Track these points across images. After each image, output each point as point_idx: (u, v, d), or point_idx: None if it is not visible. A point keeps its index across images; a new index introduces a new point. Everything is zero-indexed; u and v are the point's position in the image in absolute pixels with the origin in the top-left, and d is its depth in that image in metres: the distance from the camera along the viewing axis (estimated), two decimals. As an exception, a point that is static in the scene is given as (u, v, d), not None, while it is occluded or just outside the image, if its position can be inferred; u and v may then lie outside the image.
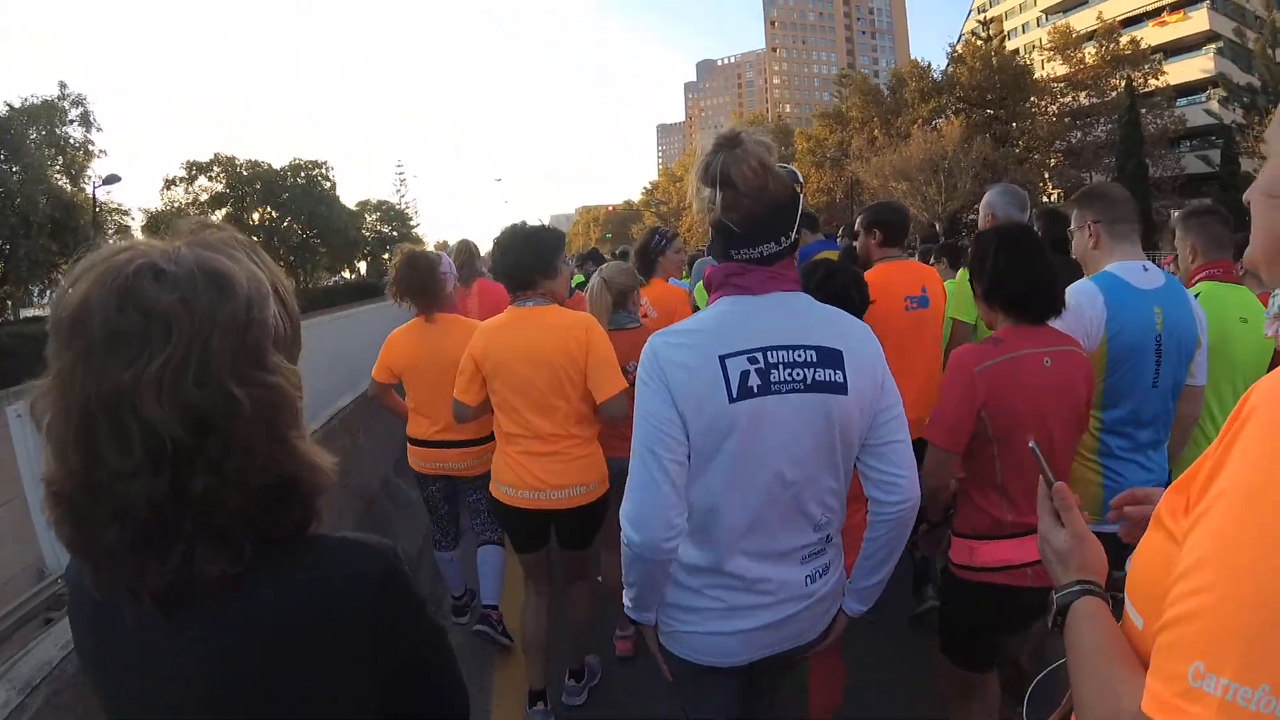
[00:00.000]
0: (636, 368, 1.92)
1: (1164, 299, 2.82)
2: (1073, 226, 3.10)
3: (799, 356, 1.82)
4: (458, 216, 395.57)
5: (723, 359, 1.78)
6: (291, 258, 54.31)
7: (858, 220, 4.47)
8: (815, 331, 1.86)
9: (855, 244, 4.57)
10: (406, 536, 5.75)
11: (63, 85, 32.38)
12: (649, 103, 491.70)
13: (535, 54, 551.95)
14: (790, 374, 1.81)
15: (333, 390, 6.71)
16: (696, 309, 4.08)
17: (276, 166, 52.99)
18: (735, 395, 1.77)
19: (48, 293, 30.68)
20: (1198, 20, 49.73)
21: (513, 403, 3.38)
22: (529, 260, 3.39)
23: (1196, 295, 3.19)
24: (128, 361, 0.84)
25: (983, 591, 2.58)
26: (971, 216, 51.45)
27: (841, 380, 1.84)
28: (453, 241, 7.95)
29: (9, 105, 29.84)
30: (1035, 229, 4.11)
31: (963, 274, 4.03)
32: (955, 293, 4.25)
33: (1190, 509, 0.77)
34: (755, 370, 1.79)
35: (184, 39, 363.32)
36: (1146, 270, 2.88)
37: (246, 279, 0.92)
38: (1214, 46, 49.14)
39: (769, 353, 1.81)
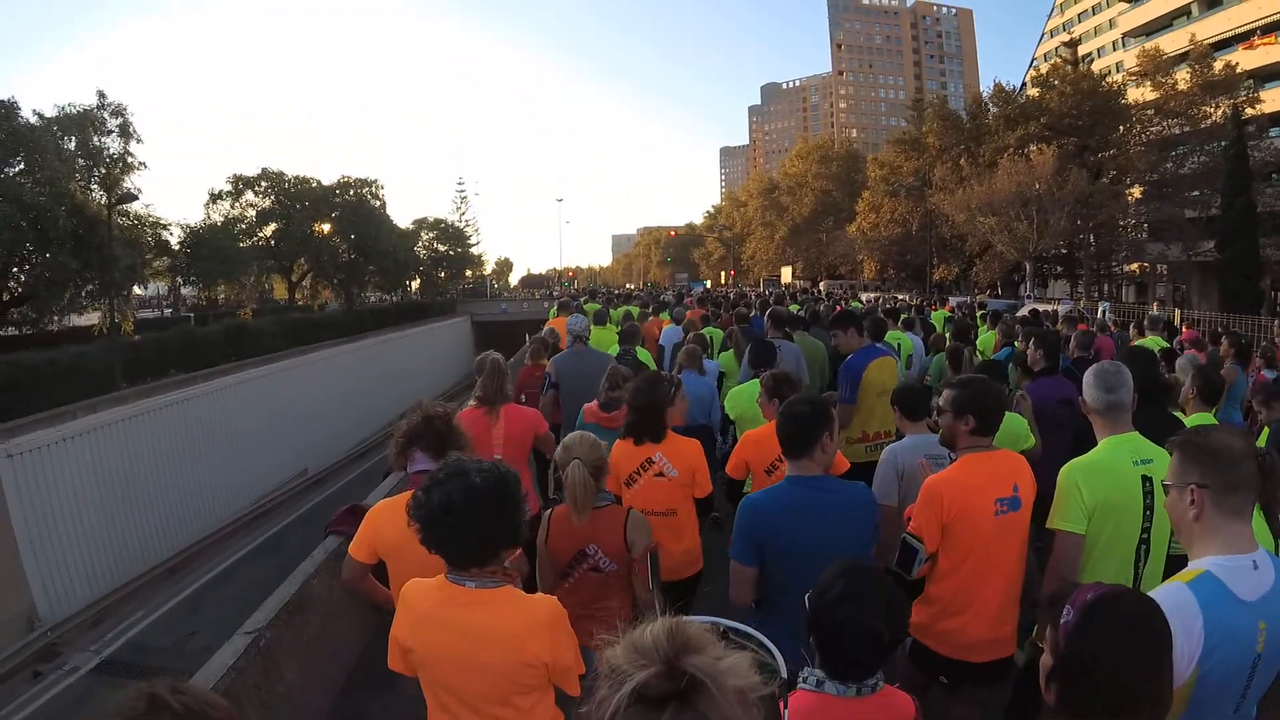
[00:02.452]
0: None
1: (1272, 607, 2.17)
2: (1169, 481, 2.38)
3: None
4: (518, 235, 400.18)
5: None
6: (340, 276, 52.99)
7: (941, 397, 3.69)
8: None
9: (938, 422, 3.80)
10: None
11: (101, 95, 31.11)
12: (714, 124, 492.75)
13: (600, 73, 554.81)
14: None
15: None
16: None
17: (325, 183, 51.61)
18: None
19: (68, 310, 29.48)
20: (1294, 43, 46.52)
21: (445, 703, 2.53)
22: (491, 530, 2.43)
23: None
24: None
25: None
26: (1055, 251, 49.55)
27: None
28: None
29: (39, 115, 28.69)
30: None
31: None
32: (1061, 491, 3.35)
33: None
34: None
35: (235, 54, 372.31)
36: (1257, 568, 2.21)
37: None
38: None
39: None
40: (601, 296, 26.73)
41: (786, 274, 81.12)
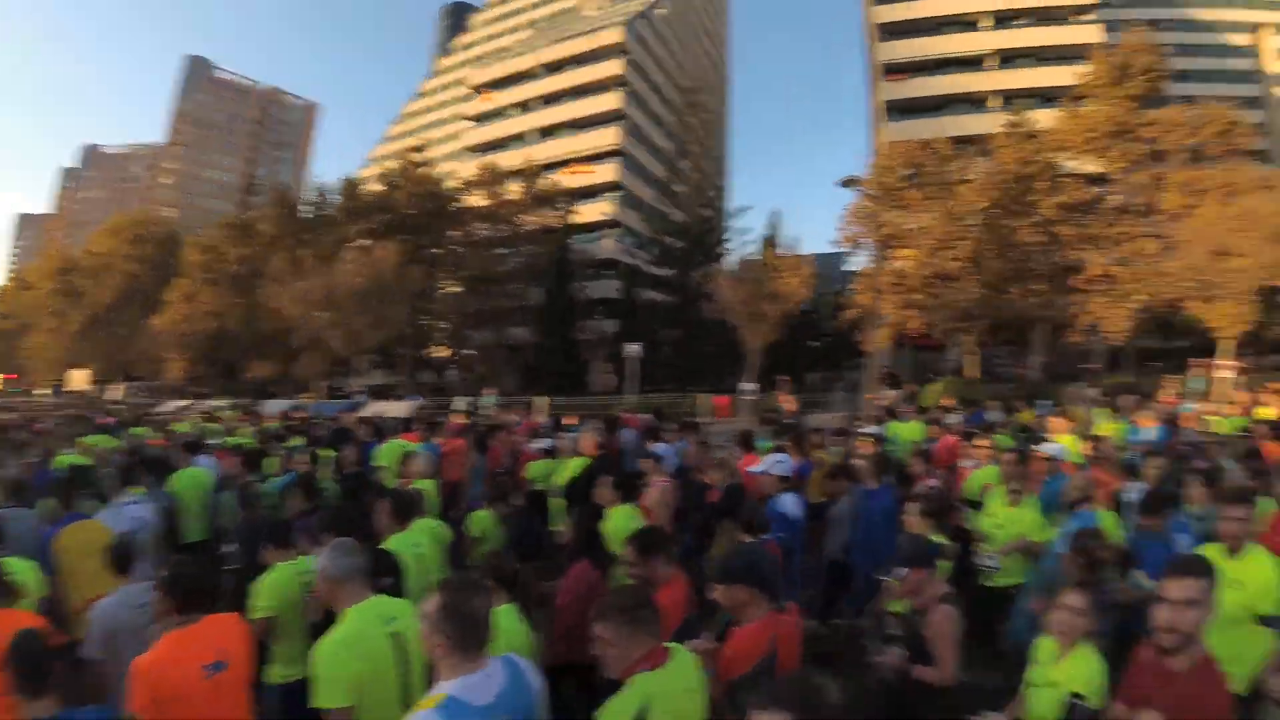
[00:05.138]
0: None
1: (505, 703, 2.87)
2: (427, 632, 2.91)
3: None
4: None
5: None
6: None
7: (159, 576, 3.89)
8: None
9: None
10: None
11: None
12: (14, 181, 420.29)
13: None
14: None
15: None
16: None
17: None
18: None
19: None
20: (604, 172, 60.04)
21: None
22: None
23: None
24: None
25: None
26: (402, 352, 51.52)
27: None
28: None
29: None
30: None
31: None
32: (317, 675, 3.56)
33: None
34: None
35: None
36: (490, 676, 2.89)
37: None
38: (616, 195, 60.60)
39: None
40: None
41: (79, 377, 64.71)
